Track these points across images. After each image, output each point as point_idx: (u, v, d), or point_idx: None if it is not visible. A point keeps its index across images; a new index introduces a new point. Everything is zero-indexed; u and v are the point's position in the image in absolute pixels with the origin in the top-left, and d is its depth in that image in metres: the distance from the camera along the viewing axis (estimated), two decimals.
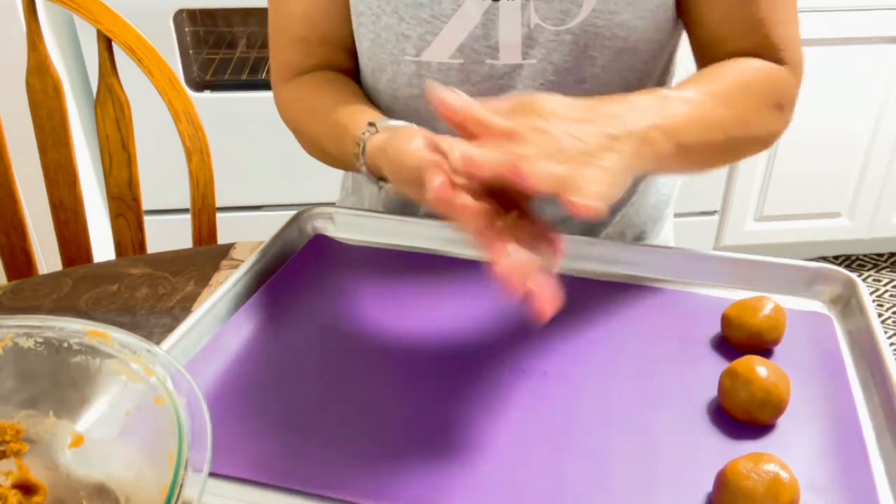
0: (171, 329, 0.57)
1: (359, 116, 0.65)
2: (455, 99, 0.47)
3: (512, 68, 0.67)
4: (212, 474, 0.44)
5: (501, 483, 0.46)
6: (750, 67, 0.65)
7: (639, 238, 0.83)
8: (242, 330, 0.59)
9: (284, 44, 0.76)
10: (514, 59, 0.67)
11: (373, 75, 0.73)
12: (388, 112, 0.74)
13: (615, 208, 0.80)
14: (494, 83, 0.68)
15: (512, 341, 0.58)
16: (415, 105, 0.72)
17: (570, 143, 0.46)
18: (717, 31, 0.67)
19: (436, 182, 0.45)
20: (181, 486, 0.37)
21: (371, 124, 0.62)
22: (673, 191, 0.86)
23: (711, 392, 0.53)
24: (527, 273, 0.45)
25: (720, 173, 1.94)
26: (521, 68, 0.67)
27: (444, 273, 0.66)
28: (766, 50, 0.66)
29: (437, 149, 0.48)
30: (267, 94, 1.68)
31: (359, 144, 0.62)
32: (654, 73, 0.72)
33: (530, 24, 0.65)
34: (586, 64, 0.67)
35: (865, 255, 2.20)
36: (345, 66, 0.76)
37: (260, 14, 1.80)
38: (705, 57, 0.69)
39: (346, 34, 0.74)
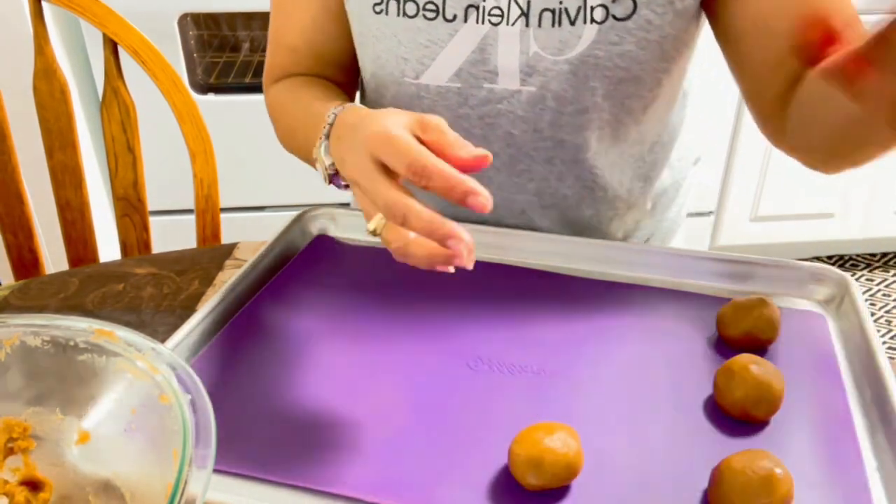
0: (175, 328, 0.58)
1: (331, 105, 0.63)
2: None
3: (511, 93, 0.67)
4: (215, 471, 0.45)
5: (500, 479, 0.47)
6: None
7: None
8: (246, 329, 0.60)
9: (277, 49, 0.76)
10: (512, 84, 0.66)
11: (376, 93, 0.73)
12: None
13: (635, 222, 0.79)
14: (493, 107, 0.68)
15: (510, 340, 0.59)
16: None
17: None
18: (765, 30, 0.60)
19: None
20: (185, 483, 0.37)
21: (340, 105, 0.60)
22: (686, 201, 0.85)
23: (707, 390, 0.54)
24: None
25: (716, 174, 1.95)
26: (520, 94, 0.66)
27: (445, 273, 0.67)
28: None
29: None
30: None
31: (327, 119, 0.58)
32: (661, 100, 0.70)
33: (529, 51, 0.64)
34: (586, 93, 0.66)
35: (858, 256, 2.20)
36: (334, 80, 0.76)
37: (263, 18, 1.81)
38: (758, 73, 0.63)
39: (340, 50, 0.74)
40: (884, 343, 1.91)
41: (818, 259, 2.13)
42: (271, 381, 0.55)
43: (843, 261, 2.18)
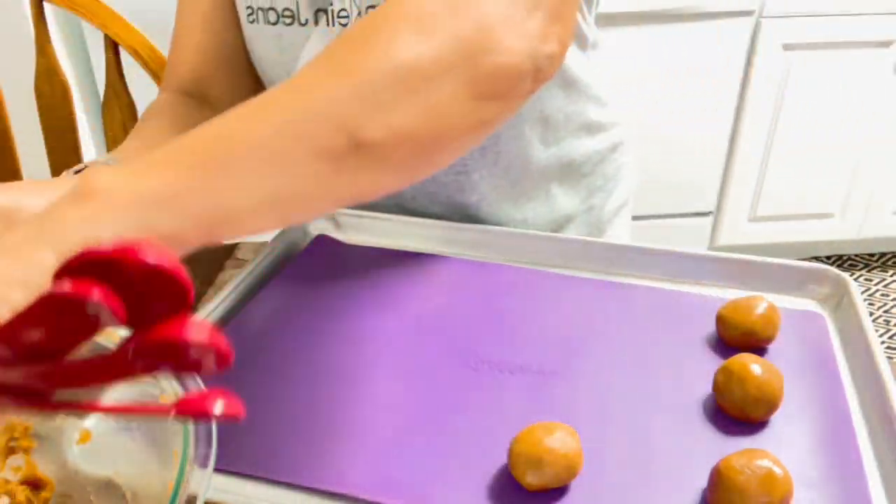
0: None
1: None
2: None
3: None
4: (216, 470, 0.45)
5: (500, 479, 0.47)
6: None
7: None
8: (246, 329, 0.60)
9: (176, 47, 0.75)
10: None
11: None
12: None
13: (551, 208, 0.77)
14: None
15: (510, 340, 0.59)
16: None
17: None
18: None
19: None
20: (186, 482, 0.37)
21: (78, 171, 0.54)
22: (607, 201, 0.82)
23: (706, 389, 0.54)
24: None
25: (715, 175, 1.94)
26: None
27: (446, 273, 0.67)
28: None
29: None
30: None
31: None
32: None
33: None
34: None
35: (857, 255, 2.21)
36: (247, 89, 0.75)
37: None
38: None
39: (240, 49, 0.73)
40: (882, 343, 1.91)
41: (817, 259, 2.14)
42: (272, 381, 0.55)
43: (842, 261, 2.19)
